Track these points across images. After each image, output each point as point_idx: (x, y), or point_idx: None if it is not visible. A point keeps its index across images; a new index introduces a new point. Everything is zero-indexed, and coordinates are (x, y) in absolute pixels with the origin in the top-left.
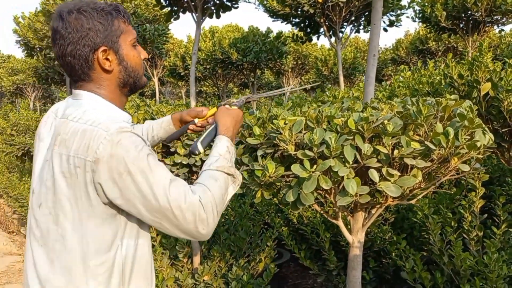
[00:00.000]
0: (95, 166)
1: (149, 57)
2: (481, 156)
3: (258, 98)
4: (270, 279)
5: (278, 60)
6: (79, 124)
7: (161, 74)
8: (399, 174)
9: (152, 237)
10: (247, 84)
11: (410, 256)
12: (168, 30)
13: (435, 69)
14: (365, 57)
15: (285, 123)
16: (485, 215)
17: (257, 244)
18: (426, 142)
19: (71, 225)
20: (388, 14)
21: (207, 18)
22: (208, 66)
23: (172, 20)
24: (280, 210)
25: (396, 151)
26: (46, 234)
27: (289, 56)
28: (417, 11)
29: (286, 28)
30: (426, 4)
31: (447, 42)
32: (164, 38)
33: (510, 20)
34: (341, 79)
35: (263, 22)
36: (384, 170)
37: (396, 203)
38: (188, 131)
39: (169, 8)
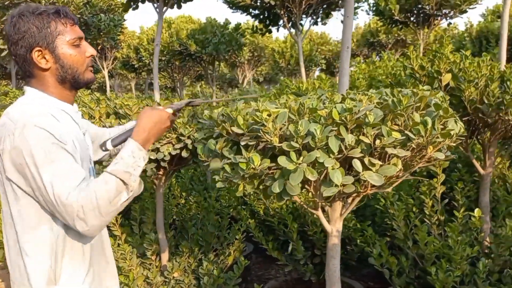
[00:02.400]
0: (3, 155)
1: (99, 48)
2: (454, 144)
3: (200, 103)
4: (241, 272)
5: (236, 52)
6: (5, 118)
7: (112, 66)
8: (380, 163)
9: (116, 236)
10: (203, 77)
11: (376, 242)
12: (124, 20)
13: (389, 61)
14: (319, 49)
15: (268, 115)
16: (446, 200)
17: (225, 237)
18: (406, 132)
19: (6, 208)
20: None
21: (169, 9)
22: (163, 58)
23: (131, 9)
24: (245, 203)
25: (378, 141)
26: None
27: (245, 48)
28: (371, 5)
29: (242, 19)
30: None
31: (396, 35)
32: (120, 28)
33: (457, 14)
34: (303, 70)
35: (219, 13)
36: (366, 160)
37: (373, 192)
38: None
39: None
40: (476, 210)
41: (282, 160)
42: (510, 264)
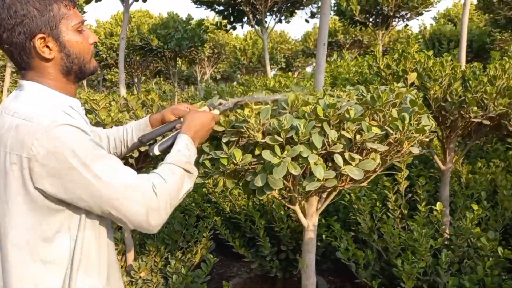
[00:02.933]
0: (31, 163)
1: None
2: (427, 140)
3: (249, 101)
4: (209, 269)
5: (199, 48)
6: (15, 119)
7: None
8: (360, 157)
9: None
10: (161, 73)
11: (343, 236)
12: (84, 13)
13: (350, 60)
14: (279, 48)
15: (249, 112)
16: (410, 195)
17: (192, 235)
18: (385, 127)
19: (8, 221)
20: (310, 6)
21: (134, 2)
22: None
23: (93, 1)
24: (210, 201)
25: (358, 136)
26: None
27: (205, 45)
28: (332, 5)
29: (203, 15)
30: None
31: (354, 36)
32: None
33: (414, 16)
34: (268, 68)
35: (180, 8)
36: (346, 155)
37: (350, 186)
38: (175, 131)
39: None
40: (438, 203)
41: (266, 154)
42: (468, 255)
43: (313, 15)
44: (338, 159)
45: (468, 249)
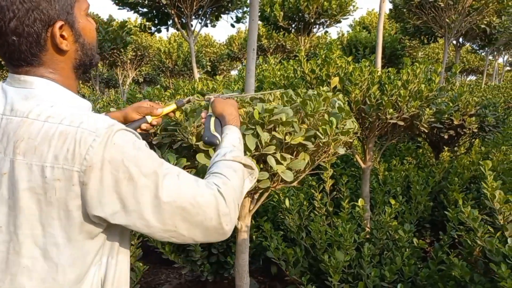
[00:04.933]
0: (85, 177)
1: None
2: (351, 141)
3: (236, 97)
4: (139, 277)
5: (122, 50)
6: (52, 124)
7: None
8: (291, 157)
9: None
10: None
11: (273, 236)
12: None
13: (275, 65)
14: (204, 51)
15: (180, 114)
16: (334, 193)
17: None
18: (317, 132)
19: (41, 253)
20: (235, 11)
21: None
22: None
23: None
24: None
25: (287, 137)
26: (5, 267)
27: (128, 47)
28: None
29: (124, 16)
30: (266, 4)
31: (277, 41)
32: None
33: (333, 23)
34: (195, 71)
35: (101, 9)
36: (278, 155)
37: (281, 187)
38: (139, 131)
39: None
40: (360, 200)
41: (201, 157)
42: (388, 247)
43: (238, 20)
44: (271, 161)
45: (387, 241)
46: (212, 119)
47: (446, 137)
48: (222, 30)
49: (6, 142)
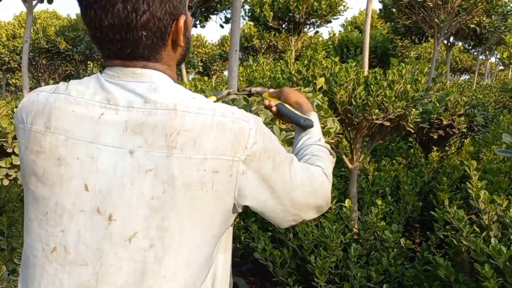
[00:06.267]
0: (244, 166)
1: None
2: (333, 141)
3: (254, 91)
4: None
5: None
6: (206, 116)
7: None
8: None
9: None
10: (71, 77)
11: (260, 237)
12: None
13: (266, 65)
14: (196, 52)
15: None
16: None
17: None
18: (292, 131)
19: (184, 259)
20: (224, 11)
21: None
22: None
23: None
24: None
25: None
26: (140, 279)
27: None
28: (247, 10)
29: None
30: (255, 4)
31: (269, 41)
32: None
33: (323, 23)
34: (184, 72)
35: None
36: None
37: None
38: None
39: None
40: (347, 200)
41: None
42: (375, 247)
43: (227, 21)
44: None
45: (375, 242)
46: (288, 106)
47: (435, 137)
48: (215, 31)
49: (151, 136)
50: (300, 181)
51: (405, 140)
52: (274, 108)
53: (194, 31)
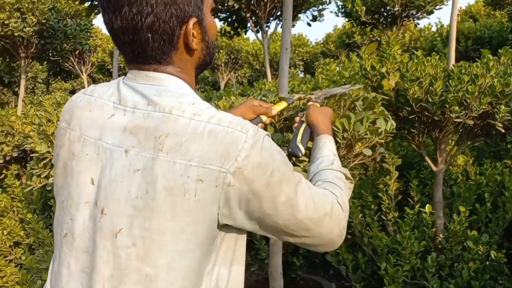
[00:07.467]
0: (233, 179)
1: (77, 53)
2: (383, 141)
3: (337, 93)
4: None
5: (217, 55)
6: (199, 122)
7: (90, 70)
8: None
9: None
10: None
11: None
12: (92, 25)
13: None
14: (296, 51)
15: None
16: (400, 197)
17: None
18: (333, 126)
19: (166, 262)
20: (311, 9)
21: None
22: None
23: (95, 15)
24: None
25: None
26: (122, 274)
27: (221, 51)
28: (339, 6)
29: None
30: None
31: (371, 36)
32: (88, 33)
33: (424, 14)
34: (268, 72)
35: None
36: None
37: None
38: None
39: (89, 3)
40: (427, 206)
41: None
42: (461, 258)
43: (314, 19)
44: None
45: (462, 252)
46: (303, 127)
47: None
48: (319, 28)
49: (144, 138)
50: (304, 205)
51: None
52: (295, 125)
53: (294, 31)
